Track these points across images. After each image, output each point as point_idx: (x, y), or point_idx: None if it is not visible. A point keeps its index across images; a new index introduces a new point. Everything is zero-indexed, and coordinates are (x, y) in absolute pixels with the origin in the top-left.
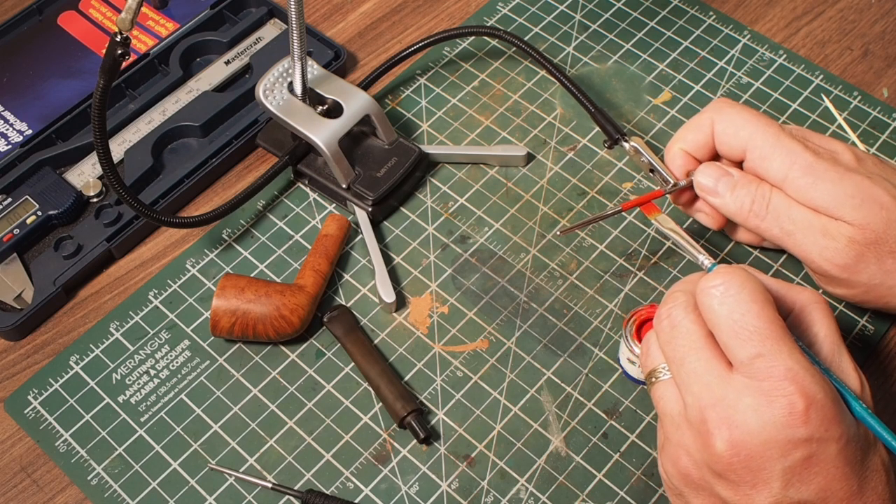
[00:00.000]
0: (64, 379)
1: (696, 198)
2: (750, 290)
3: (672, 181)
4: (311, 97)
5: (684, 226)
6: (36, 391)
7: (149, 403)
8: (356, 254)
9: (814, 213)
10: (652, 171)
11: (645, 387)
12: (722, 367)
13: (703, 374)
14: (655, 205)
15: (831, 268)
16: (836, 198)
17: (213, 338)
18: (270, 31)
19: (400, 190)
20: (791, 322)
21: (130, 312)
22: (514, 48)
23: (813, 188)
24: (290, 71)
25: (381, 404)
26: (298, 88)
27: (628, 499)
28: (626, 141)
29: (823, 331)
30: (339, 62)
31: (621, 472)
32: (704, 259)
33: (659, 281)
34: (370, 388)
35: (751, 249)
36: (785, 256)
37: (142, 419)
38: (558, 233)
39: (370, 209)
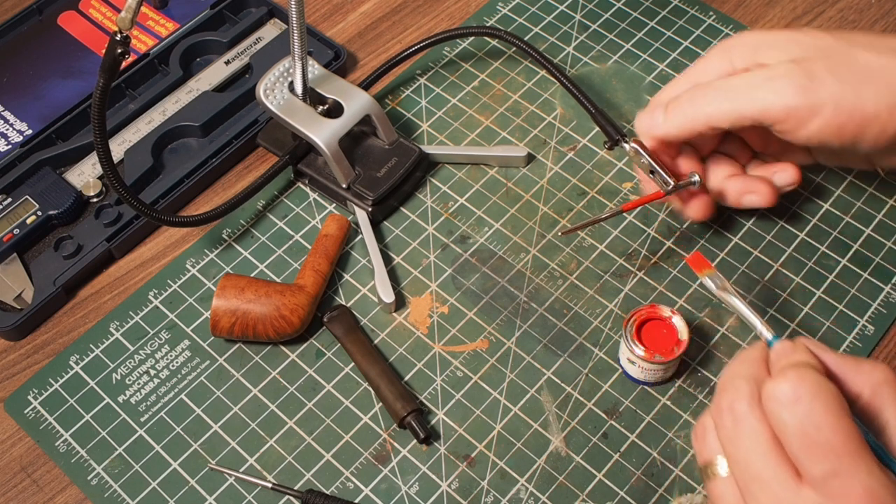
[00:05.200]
0: (64, 379)
1: (691, 196)
2: (824, 399)
3: (672, 182)
4: (312, 97)
5: (685, 225)
6: (36, 391)
7: (149, 403)
8: (356, 254)
9: (750, 73)
10: (652, 172)
11: (646, 387)
12: (791, 477)
13: (770, 482)
14: (706, 259)
15: (793, 94)
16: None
17: (213, 338)
18: (270, 31)
19: (400, 190)
20: (860, 407)
21: (130, 312)
22: (514, 48)
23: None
24: (291, 70)
25: (381, 404)
26: (299, 88)
27: (628, 499)
28: (626, 142)
29: None
30: (339, 62)
31: (621, 472)
32: (765, 331)
33: (659, 281)
34: (370, 388)
35: (751, 249)
36: (784, 255)
37: (142, 419)
38: (560, 234)
39: (370, 209)
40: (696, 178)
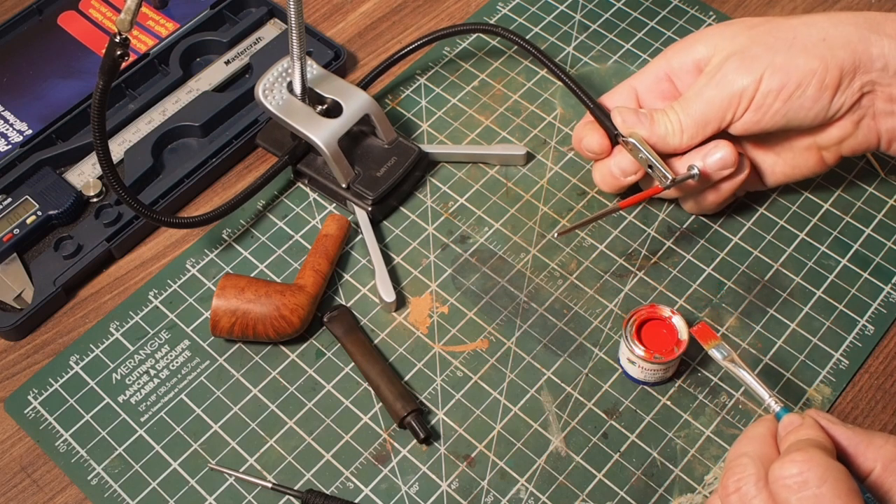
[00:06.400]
0: (64, 379)
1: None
2: (832, 483)
3: (670, 177)
4: (311, 97)
5: (685, 225)
6: (36, 391)
7: (149, 403)
8: (356, 254)
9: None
10: (650, 167)
11: (645, 387)
12: None
13: None
14: (712, 330)
15: (737, 77)
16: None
17: (213, 338)
18: (270, 31)
19: (400, 189)
20: (871, 482)
21: (130, 312)
22: (515, 47)
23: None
24: (290, 71)
25: (381, 404)
26: (298, 88)
27: (628, 499)
28: (624, 138)
29: None
30: (339, 62)
31: (621, 472)
32: (773, 403)
33: (659, 281)
34: (370, 388)
35: (751, 249)
36: (784, 255)
37: (142, 419)
38: (556, 234)
39: (370, 209)
40: (696, 171)
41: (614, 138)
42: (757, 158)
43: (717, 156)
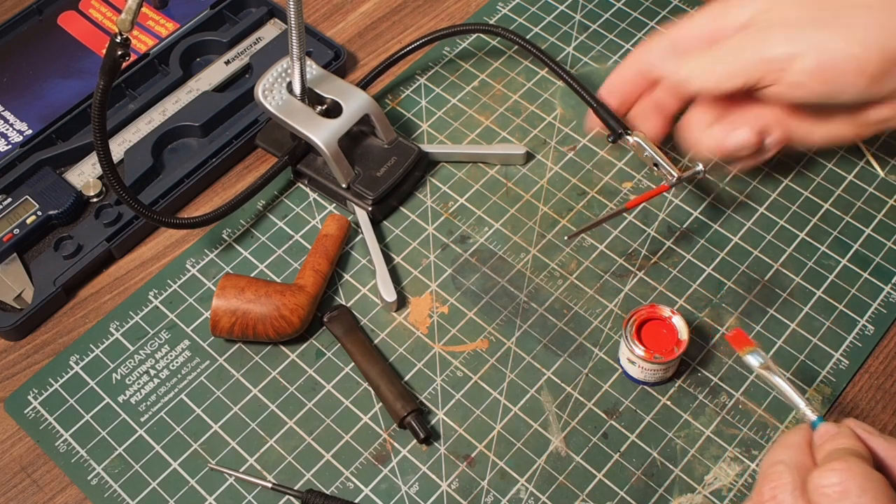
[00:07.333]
0: (64, 379)
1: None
2: (873, 493)
3: (676, 175)
4: (311, 97)
5: (685, 225)
6: (36, 391)
7: (149, 403)
8: (356, 254)
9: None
10: (655, 165)
11: (645, 387)
12: None
13: None
14: (747, 336)
15: (778, 43)
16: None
17: (213, 338)
18: (270, 31)
19: (400, 189)
20: None
21: (130, 312)
22: (515, 47)
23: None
24: (290, 71)
25: (381, 404)
26: (297, 88)
27: (628, 499)
28: (629, 135)
29: None
30: (339, 62)
31: (621, 472)
32: (809, 412)
33: (659, 281)
34: (370, 388)
35: (751, 249)
36: (784, 255)
37: (142, 419)
38: (566, 238)
39: (370, 209)
40: (700, 167)
41: (618, 135)
42: (792, 125)
43: (738, 138)
